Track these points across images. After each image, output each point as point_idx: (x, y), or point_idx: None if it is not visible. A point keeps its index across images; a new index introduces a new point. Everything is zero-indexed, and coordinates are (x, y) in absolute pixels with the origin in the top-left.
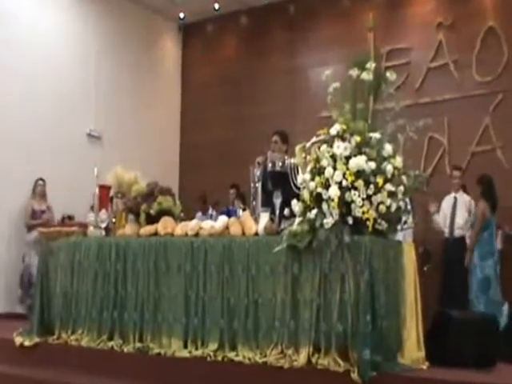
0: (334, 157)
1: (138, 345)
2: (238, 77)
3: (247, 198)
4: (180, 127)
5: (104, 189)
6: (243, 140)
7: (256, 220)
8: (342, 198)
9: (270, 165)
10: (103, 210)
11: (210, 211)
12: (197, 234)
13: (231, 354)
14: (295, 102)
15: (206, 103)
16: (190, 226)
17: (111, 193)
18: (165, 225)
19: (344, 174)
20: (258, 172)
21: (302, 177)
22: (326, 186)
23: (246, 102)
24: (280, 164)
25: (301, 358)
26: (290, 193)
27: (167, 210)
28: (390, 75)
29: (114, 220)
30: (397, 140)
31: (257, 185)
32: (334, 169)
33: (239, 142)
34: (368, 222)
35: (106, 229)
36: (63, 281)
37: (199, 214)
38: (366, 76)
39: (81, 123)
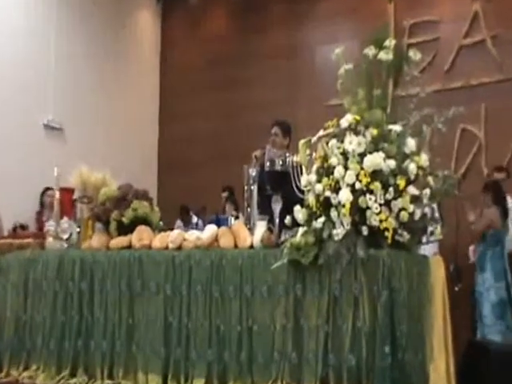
0: (345, 154)
1: (108, 382)
2: (229, 58)
3: (240, 203)
4: (159, 118)
5: (66, 192)
6: (235, 133)
7: (251, 230)
8: (354, 204)
9: (267, 163)
10: (65, 218)
11: (196, 219)
12: (179, 247)
13: None
14: (298, 87)
15: (191, 89)
16: (172, 237)
17: (75, 197)
18: (140, 236)
19: (357, 175)
20: (254, 171)
21: (307, 178)
22: (336, 189)
23: (239, 87)
24: (280, 162)
25: None
26: (292, 197)
27: (143, 217)
28: (414, 54)
29: (78, 230)
30: (422, 133)
31: (252, 187)
32: (346, 168)
33: (230, 135)
34: (386, 233)
35: (69, 240)
36: (15, 304)
37: (179, 221)
38: (385, 56)
39: (36, 111)
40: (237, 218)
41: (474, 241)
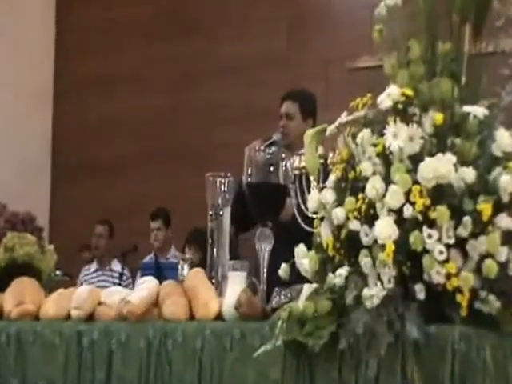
0: (385, 156)
1: None
2: None
3: (202, 238)
4: (53, 91)
5: None
6: (189, 118)
7: (219, 287)
8: (402, 244)
9: (249, 170)
10: None
11: (119, 267)
12: (91, 317)
13: None
14: (302, 36)
15: (107, 45)
16: (77, 298)
17: None
18: (19, 296)
19: (408, 193)
20: (225, 185)
21: (318, 197)
22: (369, 218)
23: (196, 36)
24: (271, 168)
25: None
26: (292, 230)
27: (26, 263)
28: None
29: None
30: None
31: (221, 212)
32: (387, 181)
33: (179, 120)
34: (459, 297)
35: None
36: None
37: (89, 268)
38: None
39: None
40: (193, 265)
41: None
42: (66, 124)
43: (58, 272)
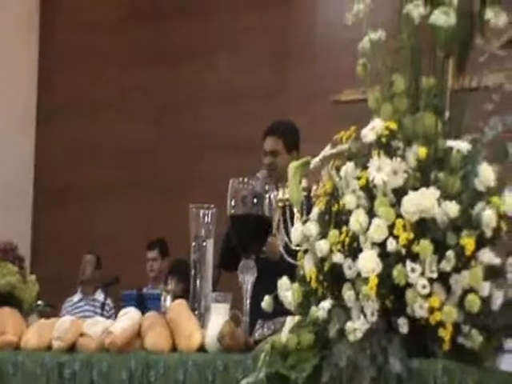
0: (369, 189)
1: None
2: (157, 11)
3: (184, 269)
4: (36, 112)
5: None
6: (171, 146)
7: (201, 319)
8: (385, 278)
9: (232, 201)
10: None
11: (102, 297)
12: (72, 348)
13: None
14: (286, 69)
15: (91, 73)
16: (59, 328)
17: None
18: (2, 325)
19: (391, 227)
20: (210, 218)
21: (301, 229)
22: (353, 251)
23: (184, 62)
24: (254, 200)
25: None
26: (275, 262)
27: (8, 292)
28: (495, 15)
29: None
30: (507, 156)
31: (204, 243)
32: (370, 215)
33: (166, 147)
34: (442, 331)
35: None
36: None
37: (75, 298)
38: (443, 17)
39: None
40: (177, 297)
41: None
42: (48, 148)
43: (39, 302)
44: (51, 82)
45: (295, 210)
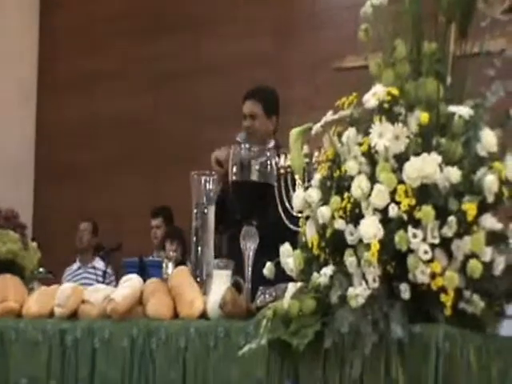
0: (371, 155)
1: None
2: None
3: (186, 237)
4: (37, 90)
5: None
6: (172, 116)
7: (203, 286)
8: (387, 244)
9: (234, 169)
10: None
11: (102, 265)
12: (74, 315)
13: None
14: (288, 37)
15: (93, 46)
16: (60, 295)
17: None
18: (3, 292)
19: (393, 193)
20: (211, 184)
21: (303, 195)
22: (355, 218)
23: (180, 34)
24: (257, 167)
25: None
26: (277, 229)
27: (8, 259)
28: None
29: None
30: (509, 120)
31: (205, 210)
32: (372, 180)
33: (163, 119)
34: (444, 297)
35: None
36: None
37: (74, 266)
38: None
39: None
40: (180, 263)
41: None
42: (49, 120)
43: (41, 269)
44: (52, 57)
45: (297, 176)
